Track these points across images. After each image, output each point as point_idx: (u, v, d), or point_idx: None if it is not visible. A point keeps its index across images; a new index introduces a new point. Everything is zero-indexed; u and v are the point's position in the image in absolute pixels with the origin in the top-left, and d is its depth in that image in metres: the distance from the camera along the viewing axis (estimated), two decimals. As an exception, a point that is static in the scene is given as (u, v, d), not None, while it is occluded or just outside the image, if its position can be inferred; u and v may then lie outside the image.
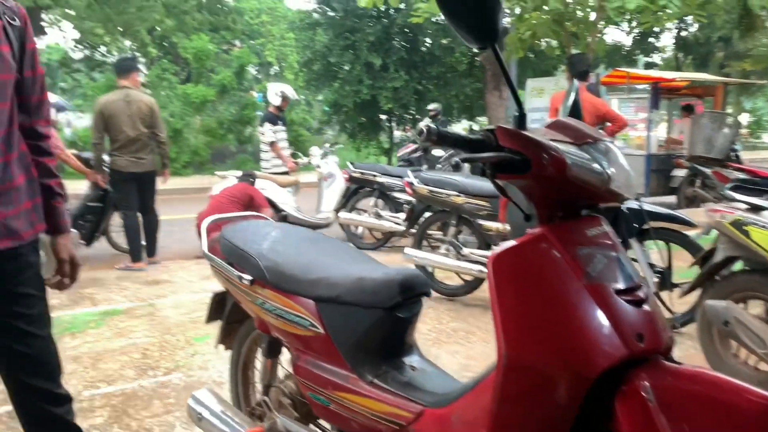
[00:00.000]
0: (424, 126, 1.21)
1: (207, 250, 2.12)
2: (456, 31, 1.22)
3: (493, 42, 1.22)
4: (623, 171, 1.31)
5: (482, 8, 1.18)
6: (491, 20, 1.19)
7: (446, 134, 1.24)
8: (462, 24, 1.21)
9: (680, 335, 3.85)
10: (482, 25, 1.20)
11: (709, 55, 22.07)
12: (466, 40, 1.23)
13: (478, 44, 1.23)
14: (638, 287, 1.27)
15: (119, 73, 6.02)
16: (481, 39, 1.22)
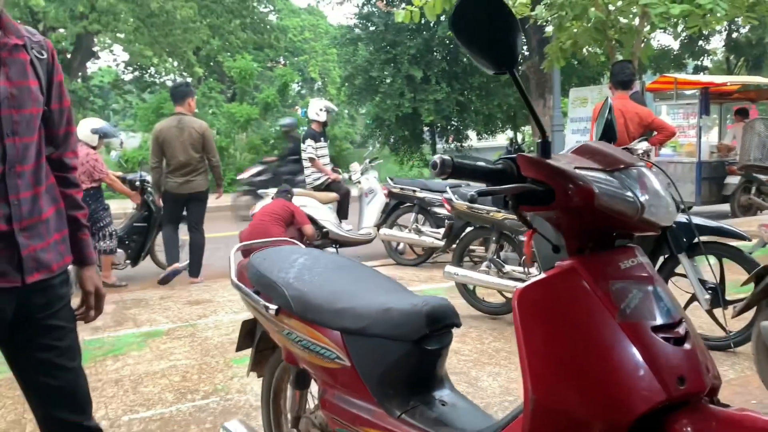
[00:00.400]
0: (438, 158, 1.15)
1: (235, 278, 2.10)
2: (472, 57, 1.16)
3: (511, 67, 1.16)
4: (659, 198, 1.22)
5: (499, 33, 1.12)
6: (509, 45, 1.13)
7: (462, 166, 1.18)
8: (478, 50, 1.14)
9: (735, 355, 3.66)
10: (499, 50, 1.14)
11: (763, 57, 21.28)
12: (482, 65, 1.17)
13: (496, 70, 1.16)
14: (678, 323, 1.17)
15: (174, 99, 6.34)
16: (498, 64, 1.16)
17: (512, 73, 1.17)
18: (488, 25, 1.11)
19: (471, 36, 1.13)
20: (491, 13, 1.11)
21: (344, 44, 22.17)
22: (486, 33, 1.11)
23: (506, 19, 1.12)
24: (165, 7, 15.87)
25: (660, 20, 6.31)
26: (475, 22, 1.11)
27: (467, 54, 1.16)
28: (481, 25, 1.11)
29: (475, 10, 1.11)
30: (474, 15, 1.11)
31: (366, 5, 21.07)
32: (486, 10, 1.11)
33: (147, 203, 6.71)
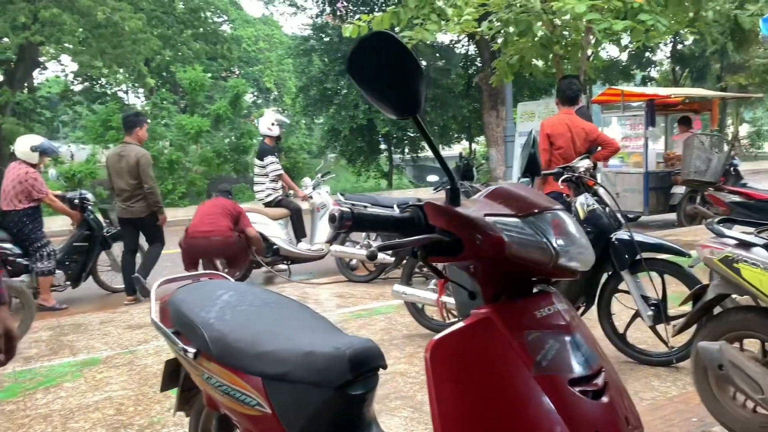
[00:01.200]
0: (336, 211, 1.08)
1: (155, 316, 1.99)
2: (373, 102, 1.09)
3: (414, 112, 1.10)
4: (575, 241, 1.17)
5: (401, 77, 1.06)
6: (412, 90, 1.07)
7: (363, 217, 1.11)
8: (379, 95, 1.08)
9: (677, 371, 3.69)
10: (402, 95, 1.08)
11: (706, 68, 22.02)
12: (386, 111, 1.11)
13: (398, 116, 1.10)
14: (597, 373, 1.13)
15: (125, 128, 6.52)
16: (401, 111, 1.10)
17: (416, 119, 1.11)
18: (389, 69, 1.05)
19: (370, 80, 1.06)
20: (391, 58, 1.05)
21: (299, 55, 22.08)
22: (387, 78, 1.05)
23: (408, 63, 1.06)
24: (112, 19, 15.50)
25: (604, 36, 6.42)
26: (375, 66, 1.05)
27: (367, 99, 1.10)
28: (382, 70, 1.05)
29: (374, 54, 1.05)
30: (373, 59, 1.05)
31: (320, 16, 21.05)
32: (386, 54, 1.05)
33: (87, 222, 6.47)
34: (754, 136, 28.80)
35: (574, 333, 1.15)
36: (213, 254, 6.25)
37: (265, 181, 7.26)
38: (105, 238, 6.61)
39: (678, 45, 21.70)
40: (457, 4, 6.72)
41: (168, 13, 19.40)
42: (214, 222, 6.14)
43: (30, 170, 5.89)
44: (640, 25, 6.28)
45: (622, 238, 3.76)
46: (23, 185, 5.79)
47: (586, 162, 4.07)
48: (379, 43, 1.05)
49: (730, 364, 2.57)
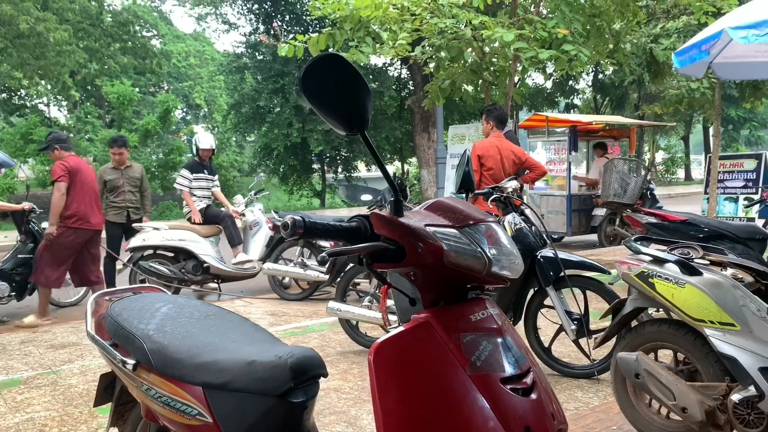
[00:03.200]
0: (289, 219, 1.14)
1: (91, 329, 1.97)
2: (323, 118, 1.17)
3: (362, 129, 1.18)
4: (506, 251, 1.27)
5: (349, 96, 1.14)
6: (359, 107, 1.15)
7: (314, 226, 1.18)
8: (328, 111, 1.16)
9: (599, 383, 3.88)
10: (350, 112, 1.16)
11: (624, 97, 23.23)
12: (334, 127, 1.19)
13: (347, 131, 1.18)
14: (526, 373, 1.22)
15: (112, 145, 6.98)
16: (349, 126, 1.18)
17: (363, 135, 1.19)
18: (338, 87, 1.13)
19: (321, 98, 1.14)
20: (340, 77, 1.13)
21: (231, 72, 21.89)
22: (336, 96, 1.13)
23: (356, 83, 1.14)
24: (36, 29, 14.94)
25: (530, 63, 6.73)
26: (325, 84, 1.13)
27: (318, 114, 1.17)
28: (331, 88, 1.13)
29: (324, 72, 1.13)
30: (323, 77, 1.13)
31: (253, 35, 20.97)
32: (335, 74, 1.13)
33: (32, 233, 6.32)
34: (668, 163, 30.51)
35: (505, 335, 1.25)
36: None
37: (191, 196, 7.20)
38: None
39: (599, 75, 22.84)
40: (392, 29, 6.90)
41: (95, 25, 18.85)
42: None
43: None
44: (564, 55, 6.62)
45: (547, 256, 3.94)
46: None
47: (513, 183, 4.25)
48: (330, 64, 1.13)
49: (645, 373, 2.74)
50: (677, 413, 2.67)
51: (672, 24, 10.91)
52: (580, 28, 6.97)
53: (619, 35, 8.23)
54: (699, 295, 2.58)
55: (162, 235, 6.62)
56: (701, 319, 2.57)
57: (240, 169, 24.89)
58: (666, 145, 33.08)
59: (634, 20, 8.15)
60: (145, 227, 6.66)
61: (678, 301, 2.65)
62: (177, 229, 6.75)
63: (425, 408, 1.15)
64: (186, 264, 6.72)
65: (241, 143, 31.17)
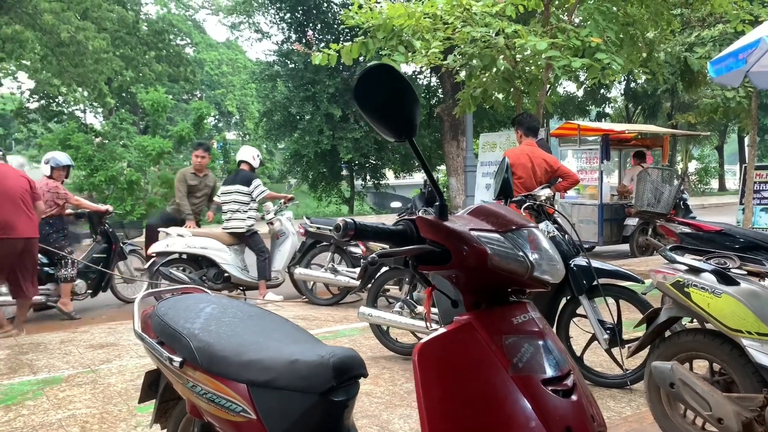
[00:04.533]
0: (341, 221, 1.19)
1: (138, 328, 2.05)
2: (372, 125, 1.22)
3: (410, 136, 1.23)
4: (547, 256, 1.30)
5: (399, 104, 1.19)
6: (408, 116, 1.20)
7: (364, 228, 1.23)
8: (379, 119, 1.21)
9: (632, 392, 3.85)
10: (399, 120, 1.21)
11: (657, 106, 22.95)
12: (383, 133, 1.24)
13: (396, 138, 1.23)
14: (566, 375, 1.25)
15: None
16: (398, 133, 1.22)
17: (411, 142, 1.24)
18: (389, 96, 1.18)
19: (372, 105, 1.19)
20: (392, 85, 1.18)
21: (263, 80, 22.18)
22: (386, 104, 1.18)
23: (406, 92, 1.19)
24: (76, 38, 15.36)
25: (562, 72, 6.72)
26: (377, 93, 1.18)
27: (368, 121, 1.22)
28: (382, 97, 1.18)
29: (376, 82, 1.18)
30: (375, 86, 1.18)
31: (285, 43, 21.23)
32: (386, 83, 1.18)
33: (107, 234, 6.90)
34: (701, 173, 30.01)
35: (546, 339, 1.28)
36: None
37: (247, 209, 6.91)
38: (122, 250, 7.05)
39: (631, 83, 22.62)
40: (425, 38, 6.95)
41: (132, 34, 19.31)
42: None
43: (50, 181, 6.44)
44: (596, 63, 6.60)
45: (581, 264, 3.93)
46: (45, 195, 6.23)
47: (546, 191, 4.26)
48: (382, 74, 1.19)
49: (680, 383, 2.73)
50: (713, 424, 2.65)
51: (707, 32, 10.78)
52: (614, 37, 6.94)
53: (653, 44, 8.17)
54: (736, 305, 2.57)
55: (185, 242, 6.69)
56: (738, 329, 2.56)
57: (270, 175, 25.19)
58: (699, 154, 32.52)
59: (668, 29, 8.08)
60: (170, 232, 6.75)
61: (714, 310, 2.64)
62: (201, 237, 6.80)
63: (468, 406, 1.19)
64: (208, 272, 6.75)
65: (271, 150, 31.53)
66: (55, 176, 6.52)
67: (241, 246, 7.05)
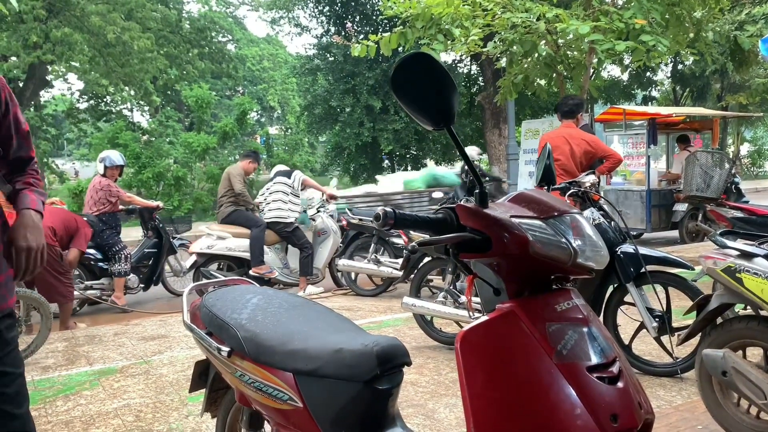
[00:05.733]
0: (380, 210, 1.20)
1: (188, 319, 2.10)
2: (411, 114, 1.22)
3: (448, 124, 1.23)
4: (591, 242, 1.29)
5: (436, 92, 1.19)
6: (446, 104, 1.20)
7: (404, 217, 1.23)
8: (417, 108, 1.21)
9: (682, 381, 3.77)
10: (437, 108, 1.21)
11: (706, 88, 22.21)
12: (421, 122, 1.24)
13: (434, 126, 1.23)
14: (612, 362, 1.24)
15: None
16: (436, 122, 1.22)
17: (450, 130, 1.23)
18: (426, 84, 1.18)
19: (410, 94, 1.19)
20: (429, 74, 1.18)
21: (303, 74, 22.34)
22: (424, 92, 1.18)
23: (443, 80, 1.19)
24: (122, 38, 15.75)
25: (606, 56, 6.57)
26: (414, 81, 1.18)
27: (405, 110, 1.22)
28: (420, 85, 1.18)
29: (414, 70, 1.18)
30: (413, 75, 1.18)
31: (324, 36, 21.33)
32: (424, 71, 1.18)
33: (157, 229, 7.12)
34: (755, 155, 28.98)
35: (590, 325, 1.26)
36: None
37: (288, 202, 6.94)
38: (171, 245, 7.23)
39: (678, 65, 21.94)
40: (464, 25, 6.89)
41: (175, 32, 19.66)
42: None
43: (102, 180, 6.68)
44: (641, 46, 6.43)
45: (628, 252, 3.86)
46: (98, 194, 6.56)
47: (591, 177, 4.18)
48: (419, 62, 1.19)
49: (733, 371, 2.66)
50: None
51: (759, 9, 10.36)
52: (659, 18, 6.74)
53: (700, 23, 7.91)
54: (791, 291, 2.48)
55: (226, 244, 6.79)
56: (794, 316, 2.48)
57: (312, 168, 25.41)
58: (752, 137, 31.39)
59: (716, 7, 7.82)
60: (212, 233, 6.86)
61: (768, 296, 2.56)
62: (241, 238, 6.82)
63: (512, 393, 1.19)
64: (247, 272, 6.84)
65: (312, 143, 31.79)
66: (108, 175, 6.72)
67: (283, 245, 7.11)
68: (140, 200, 7.26)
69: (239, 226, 6.91)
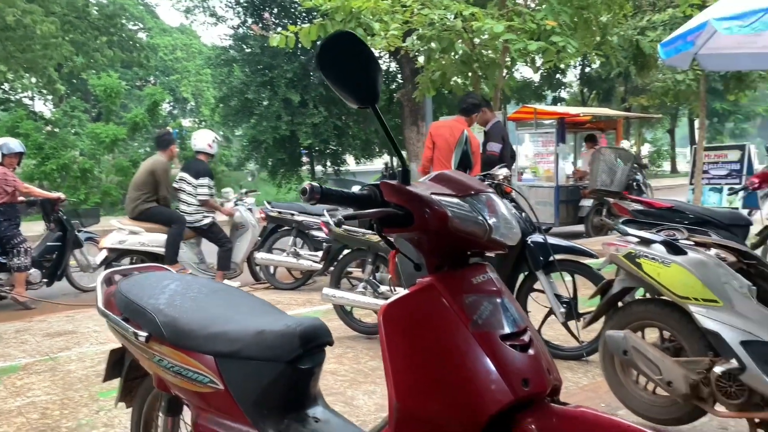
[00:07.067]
0: (307, 185, 1.23)
1: (102, 305, 2.04)
2: (336, 91, 1.25)
3: (373, 103, 1.27)
4: (504, 220, 1.36)
5: (363, 72, 1.23)
6: (371, 83, 1.24)
7: (330, 192, 1.26)
8: (342, 86, 1.25)
9: (588, 364, 3.99)
10: (363, 87, 1.24)
11: (611, 90, 23.43)
12: (347, 100, 1.27)
13: (359, 104, 1.27)
14: (523, 331, 1.31)
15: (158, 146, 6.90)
16: (362, 100, 1.26)
17: (374, 108, 1.28)
18: (351, 64, 1.22)
19: (336, 73, 1.23)
20: (354, 53, 1.22)
21: (219, 65, 21.86)
22: (349, 71, 1.22)
23: (368, 59, 1.23)
24: (23, 21, 14.83)
25: (519, 55, 6.83)
26: (340, 60, 1.21)
27: (332, 88, 1.26)
28: (345, 64, 1.21)
29: (339, 49, 1.22)
30: (338, 54, 1.21)
31: (241, 27, 20.94)
32: (349, 50, 1.22)
33: (61, 222, 6.78)
34: (654, 155, 30.82)
35: (503, 297, 1.34)
36: None
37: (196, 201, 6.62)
38: (77, 238, 6.88)
39: (586, 68, 23.03)
40: (384, 20, 6.96)
41: (82, 18, 18.74)
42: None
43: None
44: (552, 47, 6.72)
45: (537, 241, 4.04)
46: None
47: (504, 170, 4.35)
48: (344, 41, 1.22)
49: (633, 350, 2.84)
50: (663, 387, 2.77)
51: (658, 17, 11.06)
52: (568, 20, 7.07)
53: (606, 27, 8.34)
54: (684, 274, 2.68)
55: (139, 239, 6.42)
56: (686, 297, 2.68)
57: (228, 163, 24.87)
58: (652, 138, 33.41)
59: (620, 13, 8.26)
60: (124, 227, 6.52)
61: (664, 279, 2.75)
62: (155, 233, 6.49)
63: (432, 361, 1.24)
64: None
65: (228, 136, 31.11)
66: (6, 163, 6.32)
67: (198, 239, 6.82)
68: (40, 191, 6.93)
69: (158, 223, 6.48)
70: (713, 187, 10.14)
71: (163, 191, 6.53)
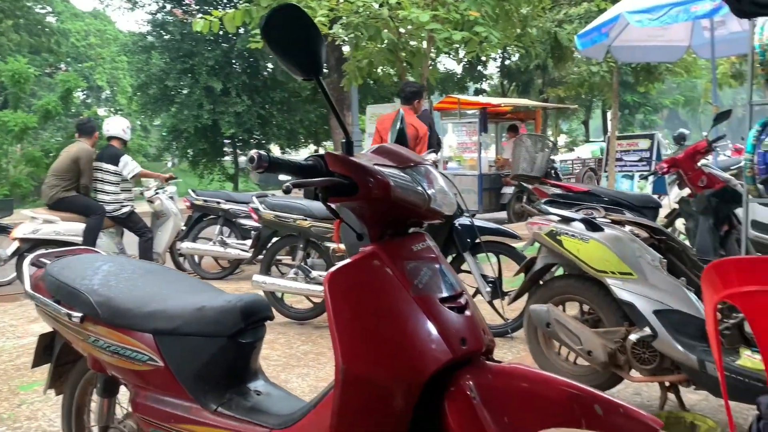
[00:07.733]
0: (254, 153, 1.25)
1: (30, 288, 1.98)
2: (281, 63, 1.28)
3: (317, 74, 1.30)
4: (442, 191, 1.43)
5: (306, 43, 1.26)
6: (314, 54, 1.28)
7: (277, 161, 1.29)
8: (287, 56, 1.28)
9: (513, 340, 4.17)
10: (307, 58, 1.28)
11: (530, 82, 24.18)
12: (291, 71, 1.31)
13: (303, 76, 1.30)
14: (460, 295, 1.39)
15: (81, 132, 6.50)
16: (305, 71, 1.30)
17: (318, 79, 1.32)
18: (296, 35, 1.25)
19: (280, 44, 1.26)
20: (299, 25, 1.25)
21: (136, 52, 21.09)
22: (294, 43, 1.25)
23: (312, 32, 1.27)
24: None
25: (444, 44, 6.97)
26: (284, 32, 1.25)
27: (277, 60, 1.28)
28: (290, 36, 1.25)
29: (283, 21, 1.25)
30: (283, 26, 1.24)
31: (160, 12, 20.25)
32: (293, 22, 1.25)
33: None
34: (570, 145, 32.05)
35: (441, 263, 1.41)
36: None
37: (118, 189, 6.38)
38: None
39: (506, 61, 23.64)
40: (310, 6, 6.94)
41: (-16, -1, 17.66)
42: None
43: None
44: (475, 37, 6.90)
45: (464, 224, 4.18)
46: None
47: (432, 156, 4.46)
48: (289, 14, 1.26)
49: (555, 322, 3.00)
50: (583, 357, 2.95)
51: (574, 10, 11.51)
52: (490, 11, 7.26)
53: (526, 19, 8.63)
54: (601, 249, 2.86)
55: (54, 228, 6.08)
56: (603, 270, 2.85)
57: (146, 153, 24.04)
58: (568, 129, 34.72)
59: (539, 5, 8.56)
60: (37, 217, 6.14)
61: (583, 255, 2.92)
62: (71, 222, 6.17)
63: (376, 325, 1.30)
64: None
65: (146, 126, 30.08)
66: None
67: (118, 228, 6.54)
68: None
69: (75, 213, 6.18)
70: (625, 173, 10.69)
71: (85, 180, 6.22)
